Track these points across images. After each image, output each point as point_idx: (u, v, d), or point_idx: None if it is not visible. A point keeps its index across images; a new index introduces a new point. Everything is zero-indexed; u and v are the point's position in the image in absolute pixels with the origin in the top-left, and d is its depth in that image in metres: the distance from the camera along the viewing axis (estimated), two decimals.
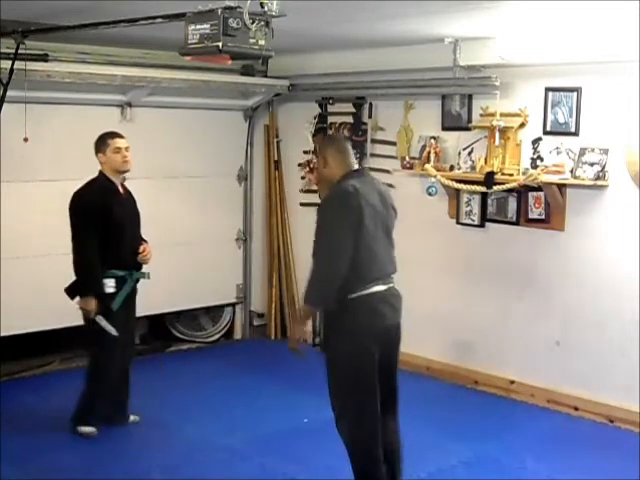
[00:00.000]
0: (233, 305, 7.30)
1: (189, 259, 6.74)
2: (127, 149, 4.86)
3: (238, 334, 7.39)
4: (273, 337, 7.24)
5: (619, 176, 5.12)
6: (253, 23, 3.22)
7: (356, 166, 3.94)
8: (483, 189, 5.57)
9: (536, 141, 5.50)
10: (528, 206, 5.57)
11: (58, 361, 6.19)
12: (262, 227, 7.38)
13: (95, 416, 4.87)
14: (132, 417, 5.05)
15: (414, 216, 6.30)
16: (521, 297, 5.72)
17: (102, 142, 4.87)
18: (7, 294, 5.58)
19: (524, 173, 5.41)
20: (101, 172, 4.89)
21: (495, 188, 5.50)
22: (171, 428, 5.03)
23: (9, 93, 5.00)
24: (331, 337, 3.79)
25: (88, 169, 6.08)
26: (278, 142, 7.24)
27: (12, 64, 4.89)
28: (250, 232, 7.35)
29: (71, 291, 4.81)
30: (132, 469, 4.45)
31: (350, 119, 6.68)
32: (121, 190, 4.93)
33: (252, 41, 3.25)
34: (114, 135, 4.88)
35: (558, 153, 5.36)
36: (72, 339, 6.17)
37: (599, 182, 5.13)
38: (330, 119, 6.82)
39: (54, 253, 5.86)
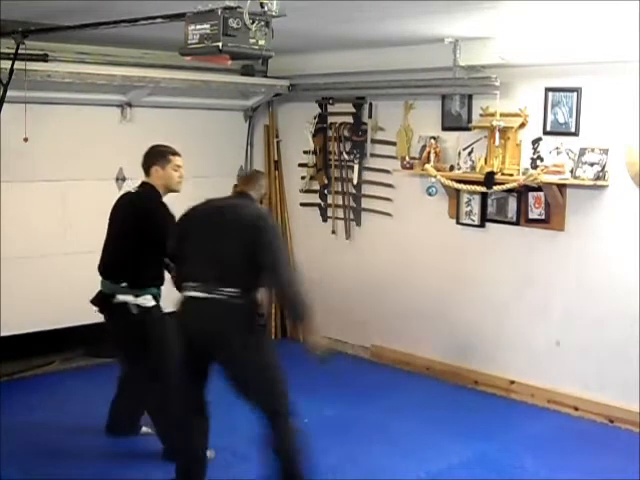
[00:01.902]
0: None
1: None
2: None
3: None
4: (273, 337, 7.24)
5: (619, 176, 5.12)
6: (253, 23, 3.21)
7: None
8: (483, 189, 5.57)
9: (536, 141, 5.50)
10: (528, 206, 5.57)
11: (58, 361, 6.19)
12: None
13: None
14: (144, 428, 4.85)
15: (414, 216, 6.32)
16: (521, 297, 5.73)
17: (162, 156, 4.55)
18: (7, 294, 5.57)
19: (524, 173, 5.41)
20: (151, 186, 4.55)
21: (495, 188, 5.50)
22: None
23: (9, 93, 5.00)
24: None
25: (88, 169, 6.11)
26: (278, 142, 7.24)
27: (12, 64, 4.89)
28: None
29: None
30: (132, 469, 4.44)
31: (350, 119, 6.68)
32: None
33: (252, 41, 3.25)
34: (175, 152, 4.60)
35: (558, 153, 5.36)
36: (72, 339, 6.18)
37: (599, 182, 5.13)
38: (330, 119, 6.82)
39: (54, 253, 5.88)
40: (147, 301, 4.48)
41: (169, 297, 4.29)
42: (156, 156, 4.55)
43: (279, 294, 4.10)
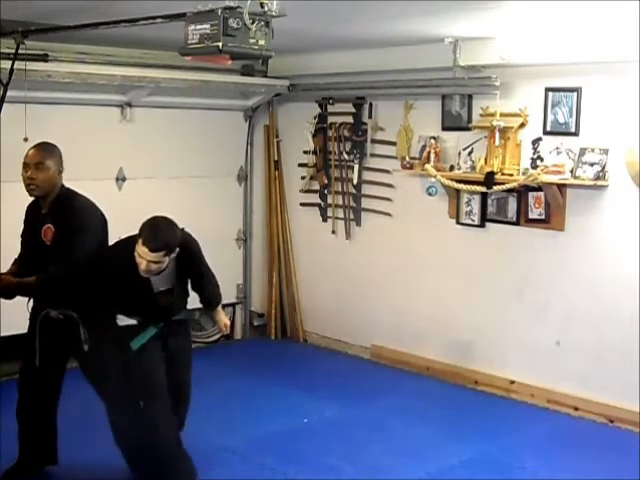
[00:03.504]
0: (233, 305, 7.30)
1: None
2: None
3: (238, 334, 7.38)
4: (273, 337, 7.25)
5: (619, 176, 5.12)
6: (253, 23, 3.21)
7: None
8: (483, 189, 5.57)
9: (536, 141, 5.50)
10: (528, 206, 5.58)
11: None
12: (262, 227, 7.38)
13: None
14: None
15: (414, 216, 6.32)
16: (521, 297, 5.73)
17: (139, 232, 3.87)
18: None
19: (524, 173, 5.41)
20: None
21: (495, 188, 5.50)
22: None
23: (9, 93, 4.99)
24: None
25: (88, 169, 6.11)
26: (278, 142, 7.24)
27: (12, 64, 4.88)
28: (250, 232, 7.35)
29: None
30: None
31: (350, 119, 6.68)
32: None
33: (252, 41, 3.24)
34: (145, 240, 3.82)
35: (558, 153, 5.36)
36: None
37: (599, 182, 5.13)
38: (330, 119, 6.82)
39: None
40: None
41: None
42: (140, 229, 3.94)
43: None
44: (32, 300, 4.29)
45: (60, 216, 4.04)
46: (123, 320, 4.16)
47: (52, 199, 4.13)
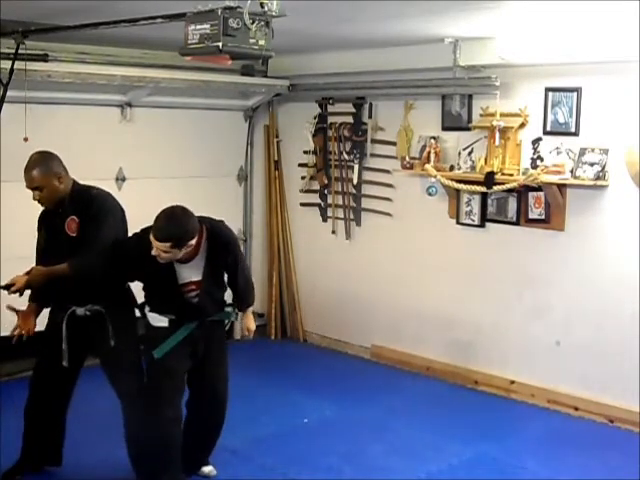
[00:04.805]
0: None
1: None
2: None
3: (238, 334, 7.37)
4: (273, 337, 7.24)
5: (619, 176, 5.12)
6: (253, 23, 3.22)
7: None
8: (483, 189, 5.57)
9: (536, 141, 5.50)
10: (528, 206, 5.58)
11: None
12: (262, 227, 7.38)
13: None
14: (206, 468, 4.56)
15: (414, 216, 6.32)
16: (521, 297, 5.73)
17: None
18: (7, 294, 5.56)
19: (524, 173, 5.41)
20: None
21: (495, 188, 5.50)
22: None
23: (9, 93, 5.00)
24: None
25: (88, 169, 6.09)
26: (278, 142, 7.24)
27: (12, 64, 4.89)
28: (250, 232, 7.35)
29: None
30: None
31: (350, 119, 6.68)
32: None
33: (252, 41, 3.25)
34: (155, 234, 3.85)
35: (558, 153, 5.36)
36: None
37: (599, 182, 5.13)
38: (330, 119, 6.82)
39: None
40: None
41: None
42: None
43: None
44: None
45: (80, 207, 4.07)
46: (157, 320, 4.10)
47: (67, 197, 4.12)
